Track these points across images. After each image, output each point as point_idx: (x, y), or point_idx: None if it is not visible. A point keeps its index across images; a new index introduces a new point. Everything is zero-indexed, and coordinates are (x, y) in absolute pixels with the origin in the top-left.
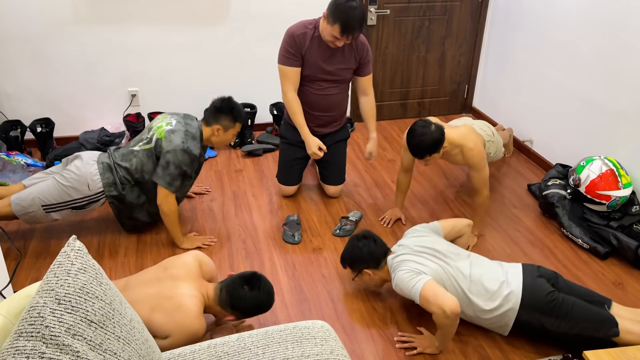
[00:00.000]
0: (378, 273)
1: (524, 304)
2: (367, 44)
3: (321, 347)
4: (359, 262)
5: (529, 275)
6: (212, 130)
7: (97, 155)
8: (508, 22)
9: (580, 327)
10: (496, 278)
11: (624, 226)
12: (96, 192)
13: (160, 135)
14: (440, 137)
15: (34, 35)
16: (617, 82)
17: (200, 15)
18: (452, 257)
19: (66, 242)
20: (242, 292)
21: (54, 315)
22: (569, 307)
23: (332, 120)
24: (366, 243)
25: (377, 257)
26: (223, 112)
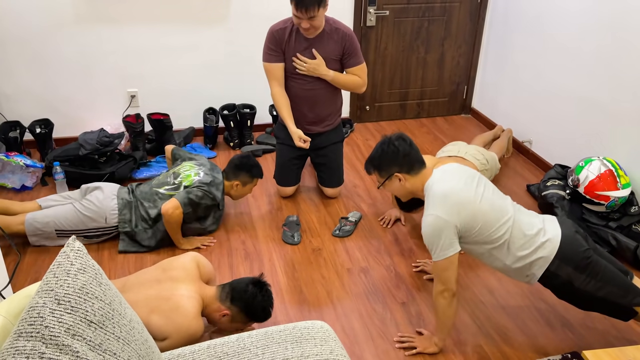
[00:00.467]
0: (411, 180)
1: (559, 255)
2: (352, 33)
3: (321, 347)
4: (390, 163)
5: (568, 228)
6: (232, 185)
7: (117, 189)
8: (507, 23)
9: (607, 290)
10: (534, 224)
11: (622, 226)
12: (111, 226)
13: (189, 183)
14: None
15: (33, 36)
16: (615, 83)
17: (199, 16)
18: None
19: (65, 243)
20: (245, 287)
21: (54, 316)
22: (601, 267)
23: (322, 118)
24: (402, 143)
25: (411, 161)
26: (243, 169)
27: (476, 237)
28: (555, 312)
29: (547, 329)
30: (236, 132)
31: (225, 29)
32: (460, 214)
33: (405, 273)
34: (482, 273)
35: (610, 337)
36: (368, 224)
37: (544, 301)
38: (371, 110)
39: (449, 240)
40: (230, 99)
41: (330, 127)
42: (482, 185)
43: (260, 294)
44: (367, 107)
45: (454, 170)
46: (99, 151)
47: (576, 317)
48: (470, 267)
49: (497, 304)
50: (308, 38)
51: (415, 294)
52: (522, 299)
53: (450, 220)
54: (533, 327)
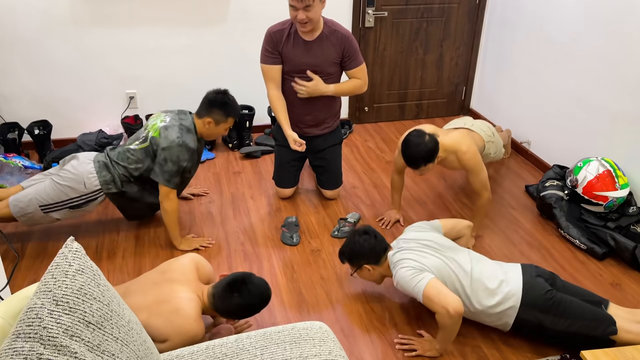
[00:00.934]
0: (378, 269)
1: (523, 302)
2: (350, 36)
3: (319, 348)
4: (358, 257)
5: (528, 274)
6: (204, 123)
7: (94, 155)
8: (505, 23)
9: (578, 325)
10: (496, 276)
11: (621, 227)
12: (93, 191)
13: (155, 133)
14: (435, 147)
15: (31, 38)
16: (614, 84)
17: (198, 17)
18: (452, 253)
19: (63, 244)
20: (233, 299)
21: (52, 317)
22: (567, 305)
23: (320, 120)
24: (367, 238)
25: (377, 253)
26: (216, 105)
27: None
28: None
29: None
30: (235, 133)
31: (224, 30)
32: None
33: None
34: None
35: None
36: (367, 225)
37: None
38: (370, 111)
39: (418, 272)
40: None
41: (329, 129)
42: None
43: (242, 299)
44: (366, 108)
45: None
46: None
47: None
48: None
49: None
50: (307, 41)
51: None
52: None
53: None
54: None
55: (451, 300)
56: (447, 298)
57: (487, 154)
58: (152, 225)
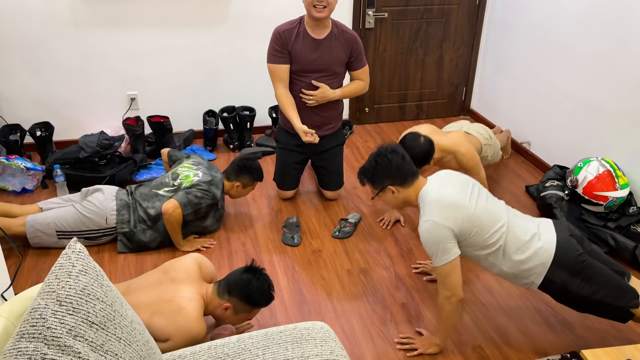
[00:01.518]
0: (403, 192)
1: (554, 261)
2: (357, 37)
3: (321, 347)
4: (383, 175)
5: (562, 232)
6: (232, 185)
7: (117, 191)
8: (505, 24)
9: (603, 293)
10: (528, 229)
11: (621, 227)
12: (111, 227)
13: (189, 184)
14: (430, 149)
15: (33, 39)
16: (613, 84)
17: (199, 19)
18: (488, 199)
19: (66, 246)
20: (239, 275)
21: (56, 317)
22: (596, 271)
23: (325, 121)
24: (394, 156)
25: (404, 174)
26: (245, 171)
27: (472, 242)
28: (554, 313)
29: (547, 329)
30: (236, 134)
31: (225, 31)
32: (456, 219)
33: (404, 274)
34: (481, 274)
35: (610, 336)
36: (368, 225)
37: (544, 302)
38: (370, 112)
39: (448, 245)
40: (229, 101)
41: (332, 130)
42: (476, 191)
43: (255, 278)
44: (367, 109)
45: (448, 176)
46: (99, 154)
47: (575, 317)
48: (469, 268)
49: (497, 305)
50: (316, 39)
51: (415, 295)
52: (521, 300)
53: (447, 225)
54: (533, 327)
55: (458, 289)
56: (457, 284)
57: (485, 157)
58: None
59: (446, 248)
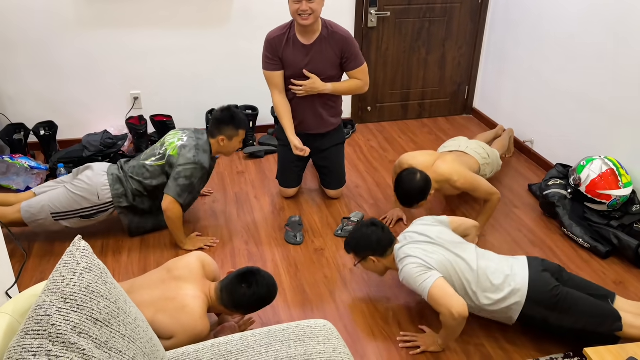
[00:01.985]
0: (383, 261)
1: (528, 298)
2: (350, 37)
3: (324, 345)
4: (364, 248)
5: (534, 269)
6: (217, 142)
7: (108, 167)
8: (508, 23)
9: (584, 321)
10: (501, 271)
11: (624, 225)
12: (105, 202)
13: (173, 151)
14: (426, 186)
15: (37, 39)
16: (616, 82)
17: (202, 18)
18: (458, 248)
19: (70, 244)
20: (241, 290)
21: (60, 314)
22: (573, 301)
23: (324, 121)
24: (374, 230)
25: (383, 245)
26: (224, 122)
27: None
28: None
29: None
30: None
31: (227, 31)
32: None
33: None
34: None
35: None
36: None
37: None
38: (373, 110)
39: (424, 270)
40: (232, 100)
41: (332, 128)
42: (444, 237)
43: (251, 291)
44: (369, 107)
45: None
46: (102, 153)
47: None
48: None
49: None
50: (306, 45)
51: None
52: None
53: (421, 257)
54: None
55: (456, 303)
56: (452, 300)
57: (484, 175)
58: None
59: (425, 273)
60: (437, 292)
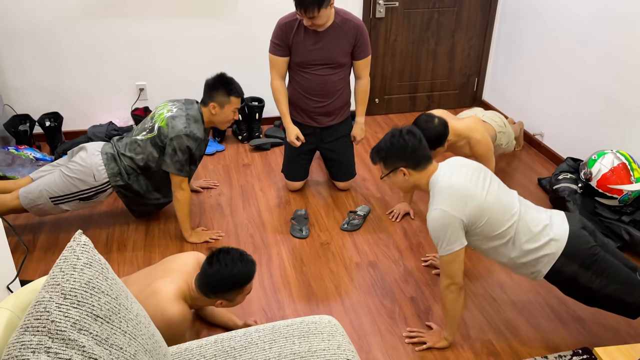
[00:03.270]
0: (414, 175)
1: (564, 252)
2: (363, 25)
3: (328, 342)
4: (397, 156)
5: (574, 224)
6: (209, 110)
7: (101, 146)
8: (519, 14)
9: (614, 287)
10: (540, 220)
11: (636, 221)
12: (102, 183)
13: (162, 123)
14: (444, 131)
15: (42, 30)
16: (629, 75)
17: (208, 9)
18: (500, 189)
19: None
20: (208, 270)
21: (60, 310)
22: (608, 264)
23: (332, 110)
24: (411, 138)
25: (419, 157)
26: (215, 88)
27: (481, 232)
28: (566, 308)
29: (558, 324)
30: (244, 125)
31: (234, 22)
32: (466, 208)
33: (414, 267)
34: (492, 267)
35: (623, 333)
36: (377, 218)
37: (555, 296)
38: (380, 103)
39: (455, 235)
40: None
41: (340, 119)
42: (488, 179)
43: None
44: (377, 99)
45: (460, 164)
46: None
47: (588, 312)
48: (480, 260)
49: (507, 299)
50: (318, 32)
51: (424, 289)
52: (532, 294)
53: (456, 215)
54: (544, 322)
55: (459, 278)
56: (458, 273)
57: (499, 145)
58: (162, 218)
59: (452, 238)
60: (452, 259)
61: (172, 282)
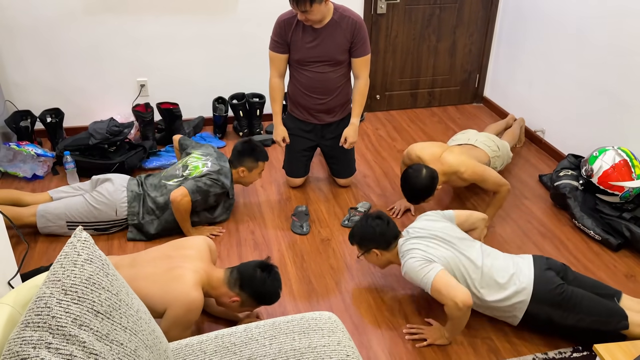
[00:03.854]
0: (386, 254)
1: (533, 297)
2: (361, 21)
3: (328, 338)
4: (368, 241)
5: (538, 268)
6: (238, 172)
7: (127, 181)
8: (520, 10)
9: (589, 320)
10: (506, 270)
11: (637, 218)
12: (121, 218)
13: (199, 175)
14: (432, 183)
15: (43, 26)
16: (631, 72)
17: (209, 6)
18: (463, 245)
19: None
20: (254, 273)
21: (61, 306)
22: (577, 299)
23: (332, 107)
24: (379, 223)
25: (387, 239)
26: (245, 154)
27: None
28: None
29: None
30: (245, 121)
31: (235, 19)
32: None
33: None
34: None
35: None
36: (380, 210)
37: None
38: (382, 99)
39: (427, 263)
40: (239, 88)
41: (341, 116)
42: (449, 235)
43: (270, 279)
44: (378, 96)
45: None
46: (108, 140)
47: None
48: None
49: None
50: (316, 29)
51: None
52: None
53: (422, 250)
54: None
55: (460, 293)
56: (456, 290)
57: (494, 168)
58: None
59: (427, 266)
60: (440, 283)
61: (195, 270)
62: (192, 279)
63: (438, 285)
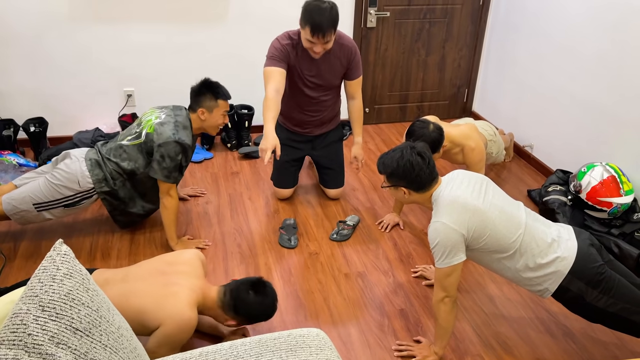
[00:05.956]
0: (415, 195)
1: (572, 270)
2: (355, 47)
3: (316, 356)
4: (401, 178)
5: (583, 241)
6: (198, 116)
7: (85, 152)
8: (509, 25)
9: (620, 306)
10: (548, 234)
11: (625, 234)
12: (87, 189)
13: (150, 129)
14: (439, 137)
15: (28, 33)
16: (619, 87)
17: (198, 16)
18: (505, 201)
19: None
20: (248, 296)
21: (38, 323)
22: (615, 283)
23: (324, 122)
24: (419, 162)
25: (423, 183)
26: (202, 93)
27: (484, 246)
28: (557, 322)
29: (549, 338)
30: (234, 133)
31: (223, 29)
32: (469, 222)
33: (403, 279)
34: (482, 280)
35: (613, 347)
36: (366, 228)
37: (546, 310)
38: (371, 112)
39: (456, 248)
40: None
41: (330, 127)
42: (490, 192)
43: (266, 301)
44: (367, 109)
45: (461, 177)
46: None
47: (578, 326)
48: (470, 273)
49: (497, 313)
50: (313, 59)
51: (414, 301)
52: (523, 308)
53: (458, 229)
54: (534, 336)
55: (453, 291)
56: (453, 286)
57: (490, 153)
58: (147, 226)
59: (452, 252)
60: (450, 272)
61: (191, 288)
62: (188, 298)
63: (448, 272)
